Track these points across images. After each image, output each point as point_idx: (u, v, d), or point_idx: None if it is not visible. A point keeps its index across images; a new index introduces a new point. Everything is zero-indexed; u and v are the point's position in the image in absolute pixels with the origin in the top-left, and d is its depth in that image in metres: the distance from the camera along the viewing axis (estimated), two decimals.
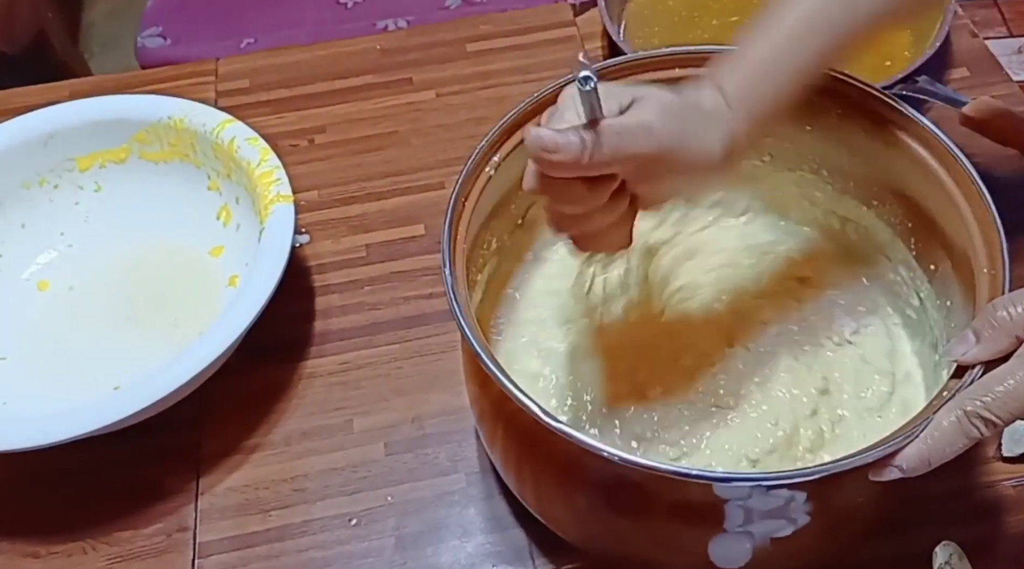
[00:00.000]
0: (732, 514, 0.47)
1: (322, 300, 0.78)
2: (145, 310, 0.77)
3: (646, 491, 0.49)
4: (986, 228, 0.53)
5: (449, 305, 0.51)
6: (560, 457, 0.52)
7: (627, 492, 0.50)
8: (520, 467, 0.57)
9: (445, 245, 0.54)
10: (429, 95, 0.93)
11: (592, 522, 0.55)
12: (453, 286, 0.52)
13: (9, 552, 0.66)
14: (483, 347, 0.49)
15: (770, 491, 0.46)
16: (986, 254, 0.52)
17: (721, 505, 0.47)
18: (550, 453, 0.52)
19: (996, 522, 0.63)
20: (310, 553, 0.64)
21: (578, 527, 0.57)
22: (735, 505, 0.47)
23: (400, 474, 0.68)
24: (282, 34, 1.27)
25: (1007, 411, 0.44)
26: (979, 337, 0.47)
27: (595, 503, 0.53)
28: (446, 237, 0.54)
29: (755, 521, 0.48)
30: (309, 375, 0.73)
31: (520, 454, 0.56)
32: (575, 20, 0.99)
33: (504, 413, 0.55)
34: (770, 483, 0.45)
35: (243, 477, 0.68)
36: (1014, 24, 1.92)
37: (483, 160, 0.58)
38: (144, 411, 0.63)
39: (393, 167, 0.87)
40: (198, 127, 0.78)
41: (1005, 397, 0.44)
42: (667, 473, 0.45)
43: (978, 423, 0.44)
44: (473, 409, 0.62)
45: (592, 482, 0.52)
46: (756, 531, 0.48)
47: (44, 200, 0.81)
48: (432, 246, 0.81)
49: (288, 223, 0.71)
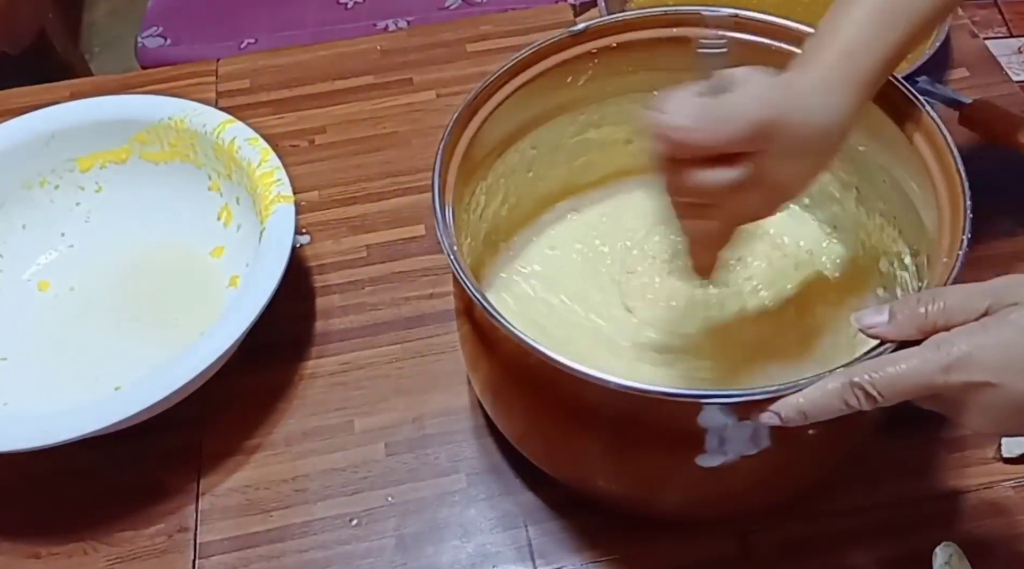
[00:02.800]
0: (711, 441, 0.52)
1: (323, 300, 0.78)
2: (146, 310, 0.77)
3: (640, 419, 0.53)
4: (955, 216, 0.54)
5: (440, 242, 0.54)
6: (565, 394, 0.54)
7: (627, 423, 0.53)
8: (513, 405, 0.60)
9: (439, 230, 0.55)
10: (430, 95, 0.93)
11: (587, 455, 0.57)
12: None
13: (10, 552, 0.66)
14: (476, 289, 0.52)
15: (740, 421, 0.50)
16: (948, 243, 0.53)
17: (702, 432, 0.51)
18: (547, 387, 0.55)
19: (996, 522, 0.63)
20: (311, 553, 0.65)
21: (572, 462, 0.59)
22: (713, 433, 0.51)
23: (401, 474, 0.68)
24: (282, 34, 1.27)
25: (891, 391, 0.46)
26: (891, 317, 0.48)
27: (600, 435, 0.55)
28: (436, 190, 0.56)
29: (728, 444, 0.52)
30: (310, 375, 0.74)
31: (513, 390, 0.58)
32: (575, 20, 0.99)
33: (492, 346, 0.57)
34: (736, 401, 0.49)
35: (244, 477, 0.68)
36: (1014, 24, 1.92)
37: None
38: (145, 411, 0.63)
39: (394, 167, 0.87)
40: (199, 127, 0.78)
41: (893, 378, 0.45)
42: (656, 394, 0.48)
43: (859, 394, 0.46)
44: (465, 354, 0.63)
45: (596, 414, 0.54)
46: (730, 450, 0.52)
47: (45, 200, 0.81)
48: (432, 246, 0.81)
49: (289, 223, 0.71)
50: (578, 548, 0.63)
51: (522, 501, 0.66)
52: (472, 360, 0.62)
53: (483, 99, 0.62)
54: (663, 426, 0.53)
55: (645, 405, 0.51)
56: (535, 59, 0.64)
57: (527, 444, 0.62)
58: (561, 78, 0.65)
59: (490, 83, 0.62)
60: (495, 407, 0.63)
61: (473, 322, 0.59)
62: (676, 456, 0.54)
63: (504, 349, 0.57)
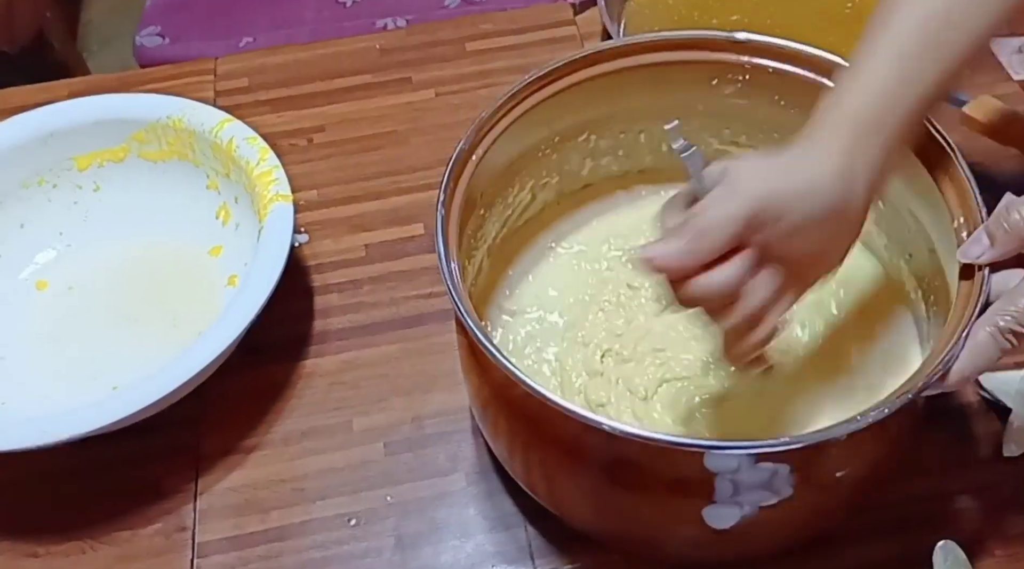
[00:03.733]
0: (721, 487, 0.49)
1: (321, 300, 0.78)
2: (144, 310, 0.77)
3: (642, 466, 0.51)
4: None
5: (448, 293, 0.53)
6: (561, 435, 0.52)
7: (626, 468, 0.51)
8: (520, 449, 0.58)
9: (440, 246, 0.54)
10: (429, 94, 0.93)
11: (593, 498, 0.55)
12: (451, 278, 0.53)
13: (9, 552, 0.66)
14: (479, 328, 0.50)
15: (757, 464, 0.47)
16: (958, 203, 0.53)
17: (712, 478, 0.48)
18: (550, 431, 0.53)
19: (996, 522, 0.63)
20: (309, 553, 0.64)
21: (579, 504, 0.57)
22: (724, 478, 0.48)
23: (400, 474, 0.68)
24: (281, 33, 1.27)
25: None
26: (992, 239, 0.47)
27: (596, 479, 0.53)
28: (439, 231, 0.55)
29: (743, 493, 0.49)
30: (308, 375, 0.73)
31: (522, 436, 0.57)
32: (575, 19, 0.99)
33: (500, 393, 0.55)
34: (754, 452, 0.47)
35: (242, 477, 0.68)
36: (1014, 24, 1.91)
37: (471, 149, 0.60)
38: (143, 411, 0.62)
39: (392, 166, 0.87)
40: (197, 126, 0.78)
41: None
42: (663, 443, 0.46)
43: (1009, 336, 0.46)
44: (468, 385, 0.61)
45: (593, 458, 0.52)
46: (745, 501, 0.50)
47: (43, 199, 0.80)
48: (431, 246, 0.80)
49: (287, 222, 0.71)
50: (577, 548, 0.63)
51: (521, 501, 0.65)
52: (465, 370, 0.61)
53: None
54: (666, 472, 0.50)
55: (644, 449, 0.49)
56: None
57: (513, 468, 0.61)
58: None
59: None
60: (484, 424, 0.61)
61: (466, 336, 0.57)
62: (680, 506, 0.51)
63: (493, 376, 0.55)
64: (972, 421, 0.68)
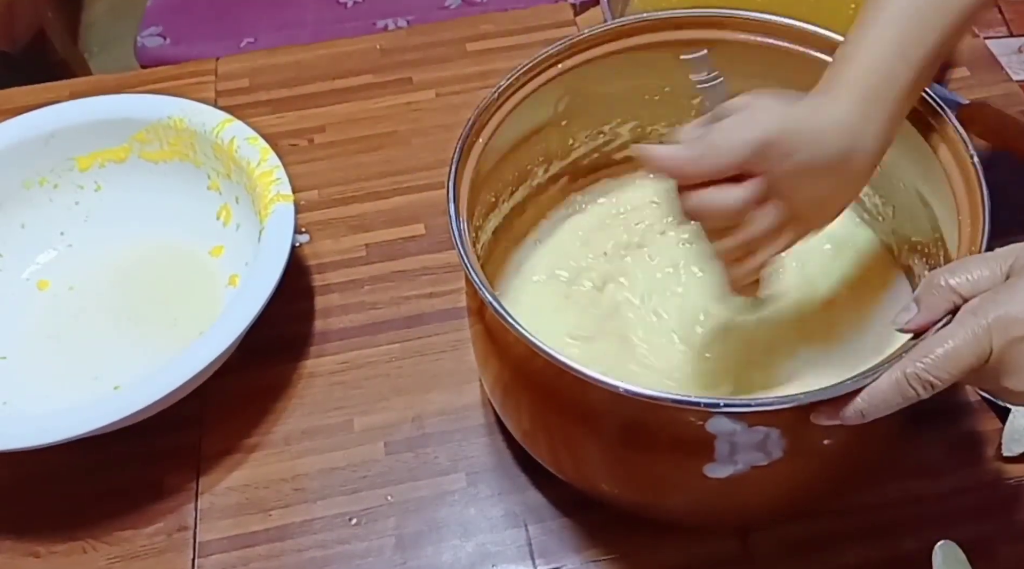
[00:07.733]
0: (720, 447, 0.51)
1: (322, 300, 0.78)
2: (145, 310, 0.77)
3: (650, 427, 0.53)
4: (975, 228, 0.54)
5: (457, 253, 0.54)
6: (579, 400, 0.54)
7: (637, 429, 0.54)
8: (540, 419, 0.60)
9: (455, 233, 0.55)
10: (429, 95, 0.93)
11: (609, 460, 0.57)
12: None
13: (10, 551, 0.66)
14: (488, 290, 0.52)
15: (751, 427, 0.50)
16: (968, 210, 0.54)
17: (712, 439, 0.51)
18: (568, 397, 0.55)
19: (996, 522, 0.63)
20: (310, 553, 0.64)
21: (596, 468, 0.59)
22: (723, 440, 0.51)
23: (400, 473, 0.68)
24: (282, 34, 1.27)
25: (946, 371, 0.45)
26: (919, 305, 0.48)
27: (612, 441, 0.56)
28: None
29: (739, 453, 0.52)
30: (309, 374, 0.73)
31: (541, 406, 0.58)
32: (575, 20, 0.99)
33: (520, 366, 0.57)
34: (747, 410, 0.49)
35: (243, 476, 0.68)
36: (1014, 24, 1.92)
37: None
38: (144, 410, 0.63)
39: (393, 167, 0.87)
40: (198, 127, 0.78)
41: (945, 359, 0.45)
42: (664, 401, 0.48)
43: (916, 385, 0.46)
44: (476, 352, 0.63)
45: (609, 421, 0.54)
46: (740, 460, 0.52)
47: (44, 200, 0.81)
48: (432, 246, 0.81)
49: (288, 223, 0.71)
50: (578, 547, 0.63)
51: (522, 500, 0.66)
52: (482, 358, 0.62)
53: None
54: (671, 433, 0.52)
55: (652, 411, 0.51)
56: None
57: (533, 444, 0.62)
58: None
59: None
60: (504, 406, 0.62)
61: (484, 323, 0.59)
62: (684, 464, 0.54)
63: (514, 351, 0.57)
64: (972, 421, 0.68)
